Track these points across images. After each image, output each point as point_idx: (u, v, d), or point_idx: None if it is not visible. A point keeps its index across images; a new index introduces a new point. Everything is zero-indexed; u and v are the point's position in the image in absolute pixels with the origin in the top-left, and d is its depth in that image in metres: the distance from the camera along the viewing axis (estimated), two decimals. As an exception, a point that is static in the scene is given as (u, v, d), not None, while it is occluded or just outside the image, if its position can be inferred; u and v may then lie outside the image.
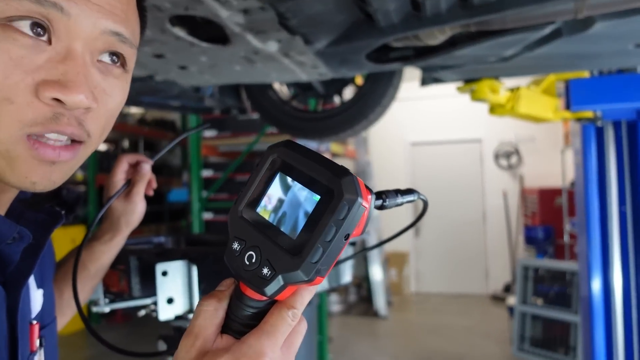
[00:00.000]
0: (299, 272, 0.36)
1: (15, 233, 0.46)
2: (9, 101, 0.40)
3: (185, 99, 1.97)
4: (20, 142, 0.42)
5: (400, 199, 0.45)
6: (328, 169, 0.37)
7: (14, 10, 0.39)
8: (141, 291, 0.94)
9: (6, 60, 0.39)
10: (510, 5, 0.98)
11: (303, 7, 1.01)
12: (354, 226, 0.36)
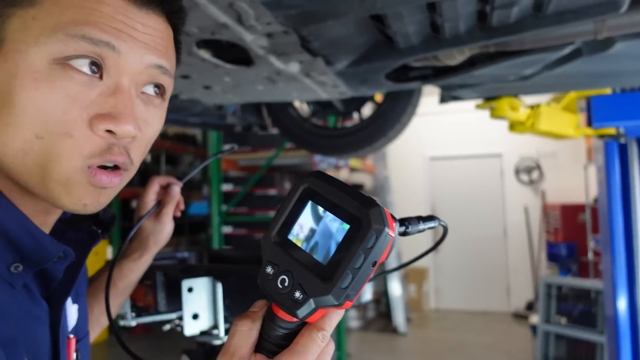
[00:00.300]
0: (329, 296, 0.38)
1: (60, 252, 0.49)
2: (69, 135, 0.43)
3: (207, 116, 2.02)
4: (81, 172, 0.45)
5: (422, 225, 0.47)
6: (356, 199, 0.39)
7: (72, 51, 0.42)
8: (166, 306, 0.97)
9: (65, 97, 0.43)
10: (529, 28, 0.99)
11: (324, 31, 1.04)
12: (381, 254, 0.38)
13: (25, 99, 0.42)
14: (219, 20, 0.90)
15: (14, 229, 0.46)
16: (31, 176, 0.45)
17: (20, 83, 0.42)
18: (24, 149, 0.43)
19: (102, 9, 0.43)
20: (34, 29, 0.42)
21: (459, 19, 0.99)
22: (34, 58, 0.42)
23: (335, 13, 0.88)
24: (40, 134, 0.43)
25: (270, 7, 0.85)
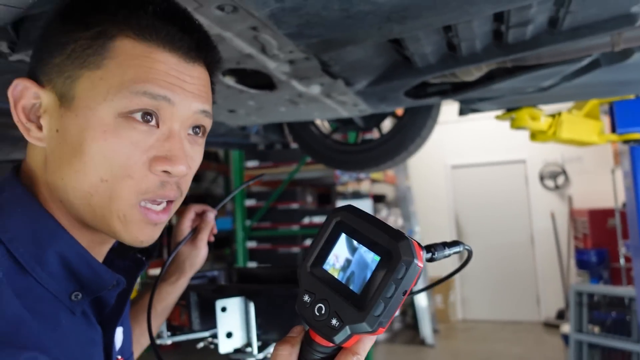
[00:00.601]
0: (364, 324, 0.41)
1: (114, 281, 0.54)
2: (130, 177, 0.49)
3: (231, 136, 2.09)
4: (135, 209, 0.50)
5: (447, 251, 0.49)
6: (386, 232, 0.42)
7: (135, 105, 0.48)
8: (200, 325, 1.01)
9: (128, 144, 0.48)
10: (545, 43, 1.01)
11: (344, 55, 1.08)
12: (410, 283, 0.41)
13: (94, 148, 0.48)
14: (244, 51, 0.95)
15: (75, 261, 0.51)
16: (94, 215, 0.50)
17: (92, 135, 0.48)
18: (90, 191, 0.49)
19: (157, 67, 0.49)
20: (101, 87, 0.48)
21: (474, 38, 1.01)
22: (102, 113, 0.48)
23: (354, 39, 0.92)
24: (105, 178, 0.48)
25: (292, 37, 0.89)
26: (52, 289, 0.49)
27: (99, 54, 0.48)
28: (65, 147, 0.49)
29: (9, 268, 0.46)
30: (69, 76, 0.49)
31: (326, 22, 0.83)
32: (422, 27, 0.88)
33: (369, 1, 0.76)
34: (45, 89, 0.50)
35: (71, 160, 0.48)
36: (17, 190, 0.51)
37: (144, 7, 0.49)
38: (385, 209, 5.43)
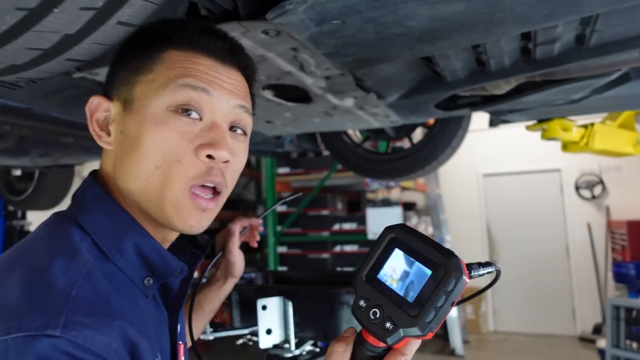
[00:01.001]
0: (416, 328, 0.47)
1: (179, 267, 0.61)
2: (179, 162, 0.55)
3: (266, 145, 2.18)
4: (186, 193, 0.56)
5: (482, 270, 0.54)
6: (438, 250, 0.48)
7: (180, 97, 0.55)
8: (241, 322, 1.08)
9: (176, 134, 0.55)
10: (573, 59, 1.04)
11: (377, 71, 1.14)
12: (458, 295, 0.47)
13: (149, 139, 0.55)
14: (284, 69, 1.03)
15: (148, 249, 0.57)
16: (151, 202, 0.57)
17: (147, 128, 0.55)
18: (147, 178, 0.56)
19: (197, 67, 0.57)
20: (153, 87, 0.56)
21: (503, 55, 1.06)
22: (154, 108, 0.55)
23: (387, 58, 0.99)
24: (159, 165, 0.55)
25: (329, 56, 0.96)
26: (129, 274, 0.56)
27: (151, 61, 0.57)
28: (127, 142, 0.57)
29: (96, 255, 0.53)
30: (129, 84, 0.57)
31: (361, 43, 0.90)
32: (452, 47, 0.94)
33: (401, 25, 0.82)
34: (113, 101, 0.58)
35: (131, 153, 0.56)
36: (97, 191, 0.58)
37: (187, 26, 0.59)
38: (415, 217, 5.42)
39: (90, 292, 0.49)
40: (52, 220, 0.58)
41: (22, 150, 2.40)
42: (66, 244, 0.53)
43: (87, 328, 0.45)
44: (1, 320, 0.44)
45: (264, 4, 0.79)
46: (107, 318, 0.47)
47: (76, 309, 0.46)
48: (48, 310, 0.44)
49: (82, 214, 0.56)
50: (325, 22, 0.80)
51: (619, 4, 0.76)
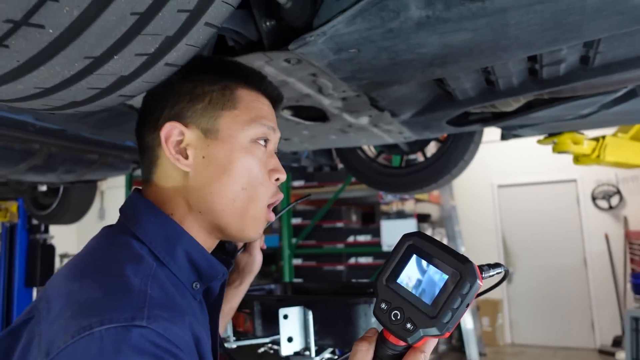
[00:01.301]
0: (434, 328, 0.51)
1: (222, 272, 0.67)
2: (262, 185, 0.67)
3: (283, 159, 2.25)
4: (264, 210, 0.68)
5: (492, 271, 0.59)
6: (453, 256, 0.53)
7: (261, 132, 0.67)
8: (262, 331, 1.14)
9: (258, 160, 0.66)
10: (578, 79, 1.09)
11: (390, 92, 1.21)
12: (472, 298, 0.52)
13: (239, 164, 0.65)
14: (303, 92, 1.09)
15: (196, 255, 0.64)
16: (234, 217, 0.65)
17: (237, 155, 0.65)
18: (234, 197, 0.65)
19: (264, 107, 0.70)
20: (239, 121, 0.66)
21: (511, 75, 1.11)
22: (242, 139, 0.66)
23: (400, 81, 1.05)
24: (244, 187, 0.65)
25: (346, 80, 1.03)
26: (181, 278, 0.62)
27: (232, 100, 0.67)
28: (214, 167, 0.65)
29: (155, 262, 0.59)
30: (212, 116, 0.65)
31: (375, 68, 0.96)
32: (461, 70, 1.00)
33: (413, 52, 0.88)
34: (189, 128, 0.65)
35: (220, 177, 0.64)
36: (148, 205, 0.65)
37: (244, 70, 0.71)
38: (429, 229, 5.43)
39: (160, 291, 0.55)
40: (106, 234, 0.64)
41: (49, 167, 2.52)
42: (130, 252, 0.59)
43: (165, 320, 0.51)
44: (88, 315, 0.49)
45: (286, 35, 0.86)
46: (178, 313, 0.54)
47: (154, 304, 0.52)
48: (132, 305, 0.50)
49: (136, 227, 0.62)
50: (342, 51, 0.87)
51: (617, 30, 0.82)
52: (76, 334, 0.47)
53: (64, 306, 0.51)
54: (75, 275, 0.55)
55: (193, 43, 0.54)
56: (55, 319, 0.50)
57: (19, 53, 0.45)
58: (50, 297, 0.54)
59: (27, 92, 0.53)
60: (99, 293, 0.51)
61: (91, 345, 0.46)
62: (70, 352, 0.46)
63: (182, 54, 0.55)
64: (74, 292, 0.52)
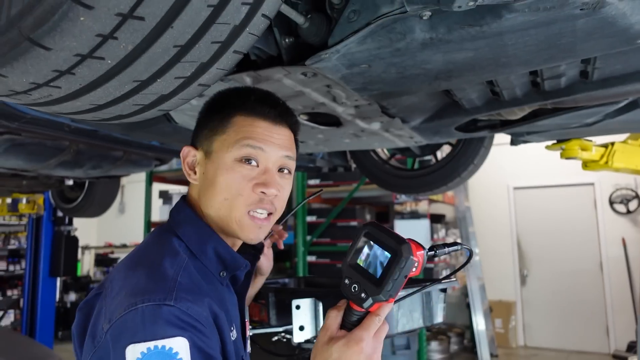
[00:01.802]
0: (380, 295, 0.66)
1: (244, 264, 0.81)
2: (241, 195, 0.77)
3: (299, 161, 2.34)
4: (245, 216, 0.78)
5: (447, 249, 0.73)
6: (394, 239, 0.67)
7: (243, 153, 0.77)
8: (276, 321, 1.23)
9: (239, 176, 0.77)
10: (579, 91, 1.15)
11: (400, 101, 1.28)
12: (409, 271, 0.65)
13: (222, 180, 0.77)
14: (319, 101, 1.18)
15: (222, 251, 0.79)
16: (222, 222, 0.78)
17: (220, 172, 0.77)
18: (219, 207, 0.78)
19: (256, 130, 0.79)
20: (225, 144, 0.78)
21: (514, 87, 1.18)
22: (226, 159, 0.77)
23: (408, 92, 1.13)
24: (226, 197, 0.77)
25: (358, 90, 1.11)
26: (210, 269, 0.77)
27: (224, 125, 0.78)
28: (207, 182, 0.79)
29: (189, 256, 0.75)
30: (209, 140, 0.79)
31: (385, 81, 1.04)
32: (465, 83, 1.07)
33: (419, 67, 0.96)
34: (198, 150, 0.80)
35: (209, 189, 0.78)
36: (187, 211, 0.81)
37: (250, 97, 0.81)
38: (443, 229, 5.47)
39: (188, 279, 0.70)
40: (157, 233, 0.81)
41: (77, 163, 2.66)
42: (170, 249, 0.75)
43: (188, 301, 0.66)
44: (135, 295, 0.65)
45: (303, 51, 0.95)
46: (200, 296, 0.69)
47: (181, 289, 0.67)
48: (165, 289, 0.66)
49: (178, 228, 0.79)
50: (354, 66, 0.95)
51: (608, 50, 0.88)
52: (127, 308, 0.64)
53: (121, 287, 0.69)
54: (131, 265, 0.73)
55: (222, 67, 0.63)
56: (115, 296, 0.68)
57: (82, 78, 0.55)
58: (114, 279, 0.72)
59: (83, 108, 0.63)
60: (144, 279, 0.68)
61: (135, 316, 0.63)
62: (123, 321, 0.64)
63: (213, 76, 0.64)
64: (129, 278, 0.70)
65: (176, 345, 0.62)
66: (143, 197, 5.82)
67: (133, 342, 0.61)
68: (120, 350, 0.62)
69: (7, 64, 0.51)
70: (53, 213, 5.71)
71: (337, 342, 0.69)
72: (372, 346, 0.69)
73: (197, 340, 0.64)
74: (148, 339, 0.61)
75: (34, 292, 5.77)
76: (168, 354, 0.61)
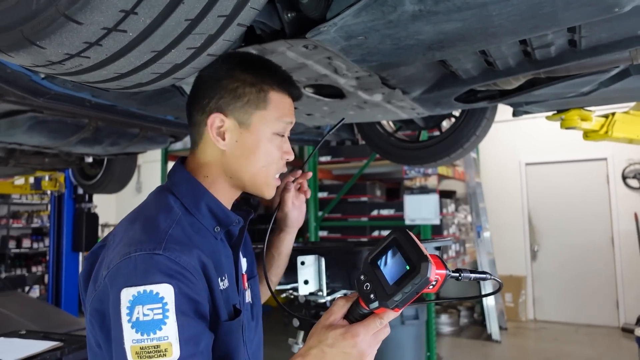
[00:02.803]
0: (387, 302, 0.67)
1: (236, 219, 0.89)
2: (275, 163, 0.90)
3: (308, 134, 2.42)
4: (274, 179, 0.91)
5: (472, 275, 0.73)
6: (418, 254, 0.67)
7: (281, 128, 0.89)
8: (284, 278, 1.34)
9: (275, 147, 0.89)
10: (569, 59, 1.21)
11: (399, 72, 1.35)
12: (422, 289, 0.66)
13: (262, 150, 0.87)
14: (321, 72, 1.26)
15: (215, 208, 0.86)
16: (255, 184, 0.89)
17: (262, 144, 0.87)
18: (257, 172, 0.88)
19: (288, 107, 0.91)
20: (268, 119, 0.88)
21: (507, 57, 1.24)
22: (267, 133, 0.88)
23: (405, 62, 1.20)
24: (264, 165, 0.88)
25: (357, 62, 1.19)
26: (204, 224, 0.84)
27: (264, 101, 0.87)
28: (244, 150, 0.87)
29: (184, 212, 0.83)
30: (247, 112, 0.86)
31: (382, 52, 1.11)
32: (458, 53, 1.14)
33: (412, 38, 1.03)
34: (228, 118, 0.86)
35: (249, 157, 0.87)
36: (183, 172, 0.89)
37: (276, 73, 0.90)
38: (452, 204, 5.53)
39: (180, 232, 0.78)
40: (157, 192, 0.89)
41: (96, 140, 2.78)
42: (166, 205, 0.83)
43: (177, 251, 0.73)
44: (130, 245, 0.73)
45: (304, 25, 1.02)
46: (189, 247, 0.76)
47: (171, 240, 0.75)
48: (156, 240, 0.74)
49: (175, 187, 0.87)
50: (352, 38, 1.03)
51: (590, 18, 0.94)
52: (122, 256, 0.72)
53: (121, 239, 0.76)
54: (131, 219, 0.82)
55: (228, 39, 0.71)
56: (115, 246, 0.76)
57: (108, 49, 0.64)
58: (116, 232, 0.81)
59: (107, 77, 0.73)
60: (139, 232, 0.76)
61: (129, 264, 0.71)
62: (118, 267, 0.72)
63: (220, 47, 0.73)
64: (128, 231, 0.78)
65: (162, 291, 0.69)
66: (159, 176, 5.99)
67: (126, 286, 0.69)
68: (116, 293, 0.70)
69: (46, 37, 0.60)
70: (74, 191, 5.92)
71: (335, 329, 0.72)
72: (367, 343, 0.71)
73: (183, 287, 0.71)
74: (139, 284, 0.69)
75: (58, 267, 6.03)
76: (155, 298, 0.68)
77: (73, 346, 2.24)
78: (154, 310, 0.68)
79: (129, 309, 0.68)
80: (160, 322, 0.68)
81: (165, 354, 0.68)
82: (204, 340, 0.73)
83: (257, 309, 1.00)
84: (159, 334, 0.68)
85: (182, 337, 0.69)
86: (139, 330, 0.68)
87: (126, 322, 0.68)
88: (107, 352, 0.75)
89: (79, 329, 3.49)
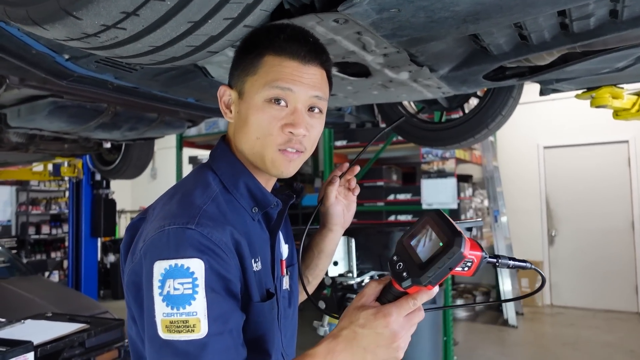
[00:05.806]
0: (419, 279, 0.66)
1: (275, 202, 0.86)
2: (271, 135, 0.80)
3: (329, 116, 2.39)
4: (276, 152, 0.81)
5: (511, 262, 0.71)
6: (452, 230, 0.65)
7: (272, 94, 0.79)
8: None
9: (269, 117, 0.80)
10: (609, 32, 1.16)
11: (429, 48, 1.31)
12: (456, 264, 0.64)
13: (253, 119, 0.80)
14: (349, 49, 1.22)
15: (253, 187, 0.84)
16: (256, 159, 0.83)
17: (252, 112, 0.80)
18: (252, 145, 0.82)
19: (285, 70, 0.79)
20: (256, 85, 0.80)
21: (543, 30, 1.19)
22: (256, 100, 0.80)
23: (437, 37, 1.16)
24: (258, 137, 0.81)
25: (387, 37, 1.15)
26: (242, 203, 0.83)
27: (255, 66, 0.80)
28: (241, 121, 0.83)
29: (221, 189, 0.81)
30: (242, 81, 0.82)
31: (414, 26, 1.08)
32: (493, 25, 1.09)
33: (448, 10, 0.99)
34: (233, 89, 0.83)
35: (243, 128, 0.82)
36: (223, 148, 0.87)
37: (279, 35, 0.80)
38: (470, 188, 5.47)
39: (214, 208, 0.77)
40: (198, 168, 0.88)
41: (115, 125, 2.78)
42: (204, 181, 0.82)
43: (209, 227, 0.72)
44: (165, 219, 0.73)
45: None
46: (222, 224, 0.74)
47: (204, 215, 0.73)
48: (189, 215, 0.73)
49: (214, 164, 0.86)
50: (384, 11, 0.99)
51: (638, -15, 0.89)
52: (157, 229, 0.72)
53: (158, 213, 0.77)
54: (170, 194, 0.81)
55: (265, 8, 0.69)
56: (153, 220, 0.76)
57: (145, 20, 0.62)
58: (155, 206, 0.81)
59: (142, 50, 0.71)
60: (176, 206, 0.76)
61: (162, 237, 0.71)
62: (152, 240, 0.72)
63: (257, 17, 0.70)
64: (165, 205, 0.78)
65: (193, 265, 0.68)
66: (174, 163, 6.01)
67: (160, 259, 0.69)
68: (149, 266, 0.70)
69: (83, 7, 0.58)
70: (91, 177, 5.99)
71: (367, 309, 0.70)
72: (400, 325, 0.69)
73: (213, 263, 0.70)
74: (171, 257, 0.69)
75: (78, 252, 6.13)
76: (185, 272, 0.68)
77: (99, 328, 2.28)
78: (184, 285, 0.68)
79: (160, 282, 0.69)
80: (189, 297, 0.68)
81: (194, 329, 0.67)
82: (234, 319, 0.72)
83: (294, 297, 0.97)
84: (188, 309, 0.68)
85: (211, 315, 0.69)
86: (169, 304, 0.68)
87: (157, 295, 0.69)
88: (140, 324, 0.76)
89: (100, 312, 3.56)
